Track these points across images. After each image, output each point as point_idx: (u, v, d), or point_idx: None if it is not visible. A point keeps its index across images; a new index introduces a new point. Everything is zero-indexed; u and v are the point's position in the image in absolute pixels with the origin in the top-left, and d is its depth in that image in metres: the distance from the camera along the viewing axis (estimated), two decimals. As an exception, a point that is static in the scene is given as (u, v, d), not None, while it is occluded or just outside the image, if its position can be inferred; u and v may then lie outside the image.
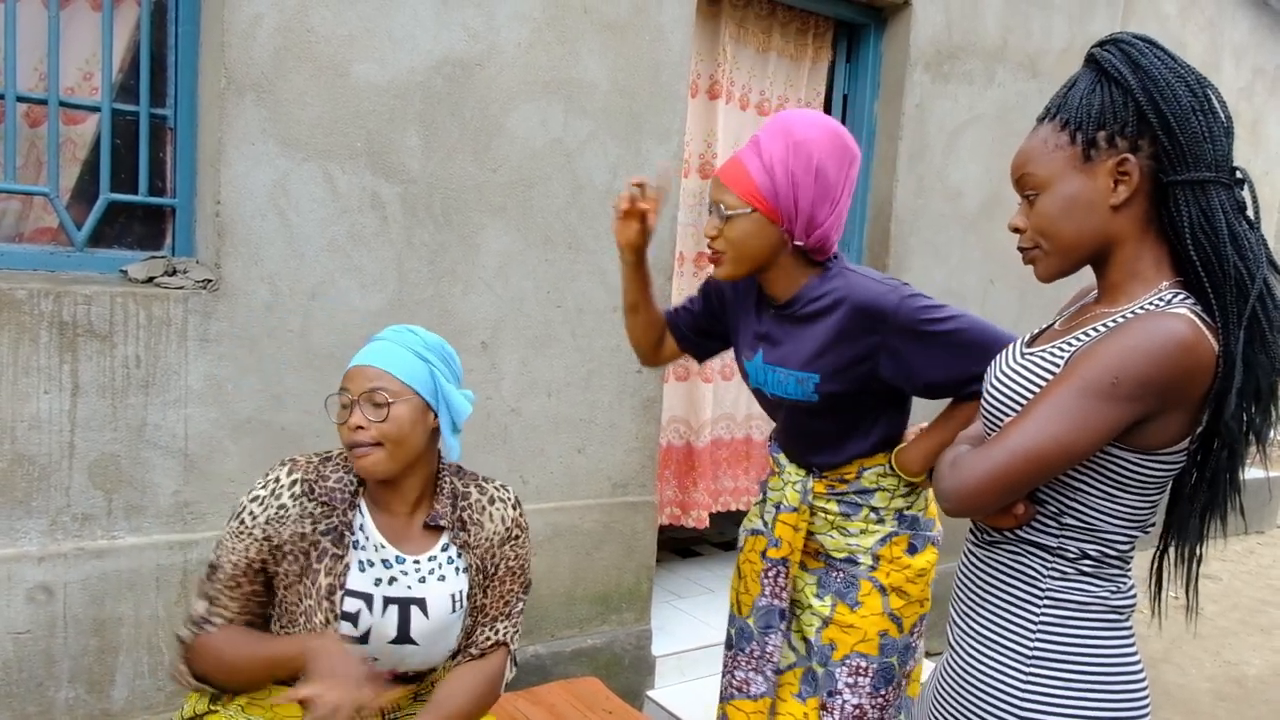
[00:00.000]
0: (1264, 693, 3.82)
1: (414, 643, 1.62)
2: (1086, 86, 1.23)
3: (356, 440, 1.54)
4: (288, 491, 1.58)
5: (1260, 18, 5.61)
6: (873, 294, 1.72)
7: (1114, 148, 1.20)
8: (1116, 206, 1.21)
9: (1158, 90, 1.18)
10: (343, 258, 2.44)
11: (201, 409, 2.29)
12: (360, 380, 1.56)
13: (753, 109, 3.53)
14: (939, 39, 3.62)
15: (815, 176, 1.69)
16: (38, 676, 2.17)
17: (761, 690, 1.91)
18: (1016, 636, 1.28)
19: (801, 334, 1.79)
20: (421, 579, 1.63)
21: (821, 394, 1.77)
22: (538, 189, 2.72)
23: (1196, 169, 1.18)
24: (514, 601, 1.75)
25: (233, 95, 2.24)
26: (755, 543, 1.96)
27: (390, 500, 1.64)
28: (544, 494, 2.87)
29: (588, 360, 2.89)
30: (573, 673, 2.89)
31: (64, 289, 2.13)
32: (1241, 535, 6.26)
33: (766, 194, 1.70)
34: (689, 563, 4.21)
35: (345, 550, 1.58)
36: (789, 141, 1.70)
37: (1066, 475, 1.24)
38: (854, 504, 1.87)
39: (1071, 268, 1.29)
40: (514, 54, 2.62)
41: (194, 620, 1.58)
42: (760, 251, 1.74)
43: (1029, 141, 1.28)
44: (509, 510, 1.75)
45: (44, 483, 2.15)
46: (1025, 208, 1.29)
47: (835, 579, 1.89)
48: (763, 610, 1.91)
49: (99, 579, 2.21)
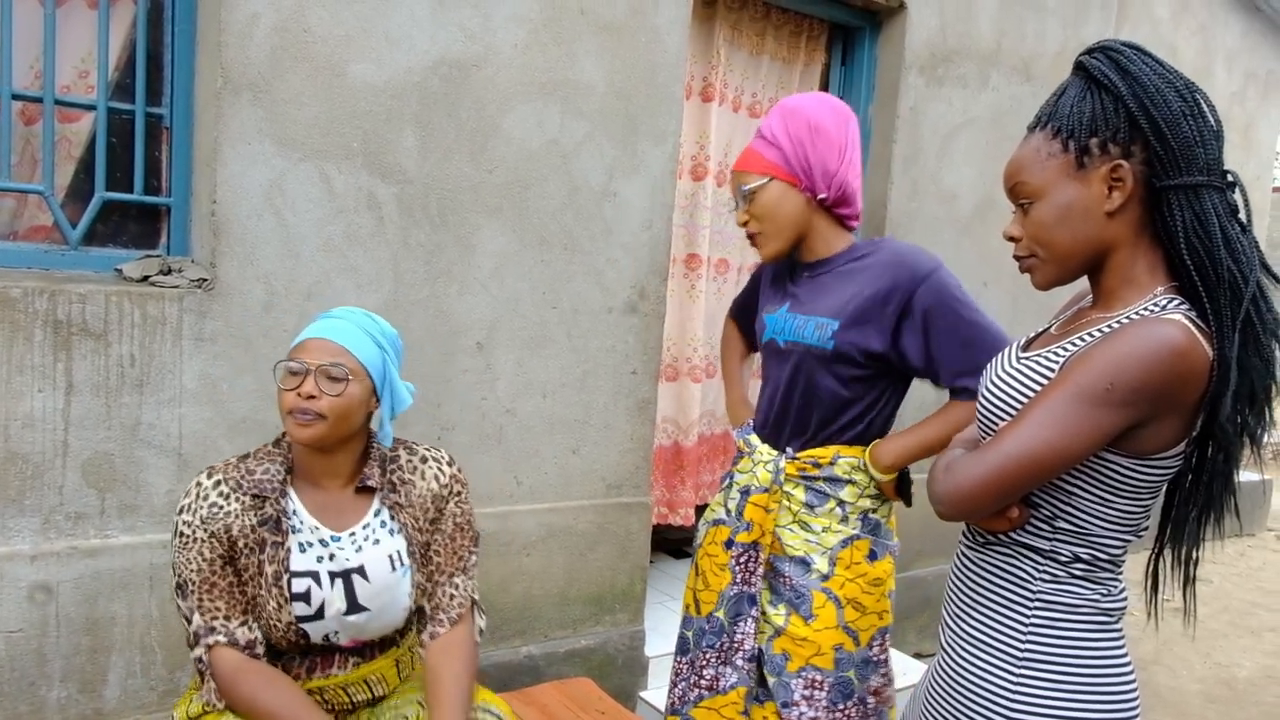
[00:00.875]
0: (1254, 695, 3.84)
1: (365, 608, 1.67)
2: (1076, 94, 1.24)
3: (303, 408, 1.57)
4: (214, 491, 1.61)
5: (1252, 22, 5.64)
6: (914, 254, 1.82)
7: (1107, 154, 1.21)
8: (1111, 213, 1.22)
9: (1148, 96, 1.19)
10: (338, 258, 2.44)
11: (196, 408, 2.29)
12: (319, 352, 1.60)
13: (745, 111, 3.54)
14: (933, 42, 3.63)
15: (816, 132, 1.82)
16: (30, 676, 2.17)
17: (733, 681, 1.89)
18: (1007, 638, 1.28)
19: (836, 286, 1.86)
20: (358, 548, 1.67)
21: (836, 341, 1.80)
22: (534, 190, 2.72)
23: (1189, 173, 1.18)
24: (467, 556, 1.80)
25: (229, 94, 2.24)
26: (716, 533, 1.95)
27: (322, 475, 1.69)
28: (538, 494, 2.88)
29: (583, 361, 2.89)
30: (566, 673, 2.89)
31: (58, 287, 2.12)
32: (1233, 538, 6.29)
33: (778, 160, 1.83)
34: (683, 564, 4.21)
35: (284, 536, 1.62)
36: (784, 111, 1.86)
37: (1060, 479, 1.24)
38: (822, 493, 1.86)
39: (1069, 276, 1.29)
40: (510, 55, 2.62)
41: (196, 636, 1.59)
42: (791, 217, 1.85)
43: (1021, 150, 1.29)
44: (444, 468, 1.80)
45: (37, 481, 2.14)
46: (1020, 216, 1.30)
47: (784, 587, 1.87)
48: (732, 598, 1.89)
49: (92, 578, 2.21)
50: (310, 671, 1.70)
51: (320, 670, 1.70)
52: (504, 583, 2.81)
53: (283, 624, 1.61)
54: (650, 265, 2.98)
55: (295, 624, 1.62)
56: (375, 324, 1.71)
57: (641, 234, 2.94)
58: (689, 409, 3.58)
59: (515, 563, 2.84)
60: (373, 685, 1.73)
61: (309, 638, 1.65)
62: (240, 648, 1.60)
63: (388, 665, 1.76)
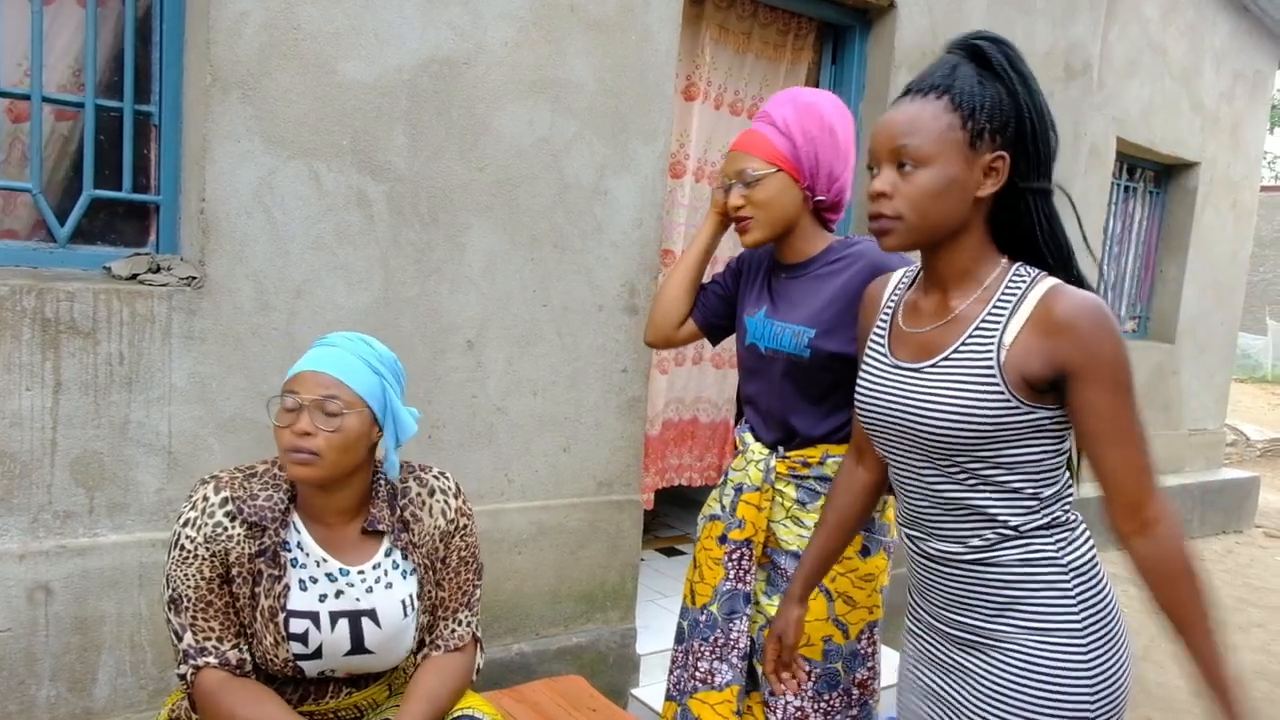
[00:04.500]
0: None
1: (369, 652, 1.61)
2: (973, 76, 1.30)
3: (299, 446, 1.49)
4: (220, 510, 1.54)
5: (1240, 22, 5.67)
6: (886, 260, 1.81)
7: (994, 143, 1.29)
8: (980, 198, 1.30)
9: (1033, 101, 1.29)
10: (328, 256, 2.43)
11: (185, 407, 2.28)
12: (313, 385, 1.51)
13: (726, 109, 3.55)
14: (923, 41, 3.64)
15: (830, 133, 1.83)
16: (19, 675, 2.16)
17: (728, 679, 1.90)
18: (1064, 615, 1.32)
19: (812, 291, 1.86)
20: (369, 589, 1.60)
21: (813, 349, 1.81)
22: (524, 188, 2.72)
23: (1047, 179, 1.32)
24: (472, 590, 1.74)
25: (218, 92, 2.24)
26: (712, 528, 1.97)
27: (324, 511, 1.60)
28: (529, 492, 2.88)
29: (573, 359, 2.90)
30: (557, 671, 2.90)
31: (46, 285, 2.11)
32: (1220, 535, 6.33)
33: (788, 154, 1.82)
34: (673, 561, 4.22)
35: (282, 570, 1.55)
36: (799, 104, 1.84)
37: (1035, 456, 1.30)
38: (812, 490, 1.88)
39: (923, 246, 1.35)
40: (501, 53, 2.62)
41: (186, 655, 1.54)
42: (786, 211, 1.85)
43: (911, 110, 1.31)
44: (451, 500, 1.71)
45: (25, 480, 2.14)
46: (894, 175, 1.31)
47: (781, 579, 1.90)
48: (726, 595, 1.91)
49: (81, 577, 2.20)
50: (303, 699, 1.65)
51: (313, 699, 1.65)
52: (495, 581, 2.81)
53: (279, 659, 1.56)
54: (640, 263, 2.98)
55: (292, 661, 1.57)
56: (372, 350, 1.60)
57: (632, 232, 2.95)
58: (655, 399, 3.60)
59: (506, 561, 2.85)
60: (363, 708, 1.71)
61: (305, 673, 1.60)
62: (231, 668, 1.55)
63: (380, 690, 1.72)
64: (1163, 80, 5.22)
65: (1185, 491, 5.98)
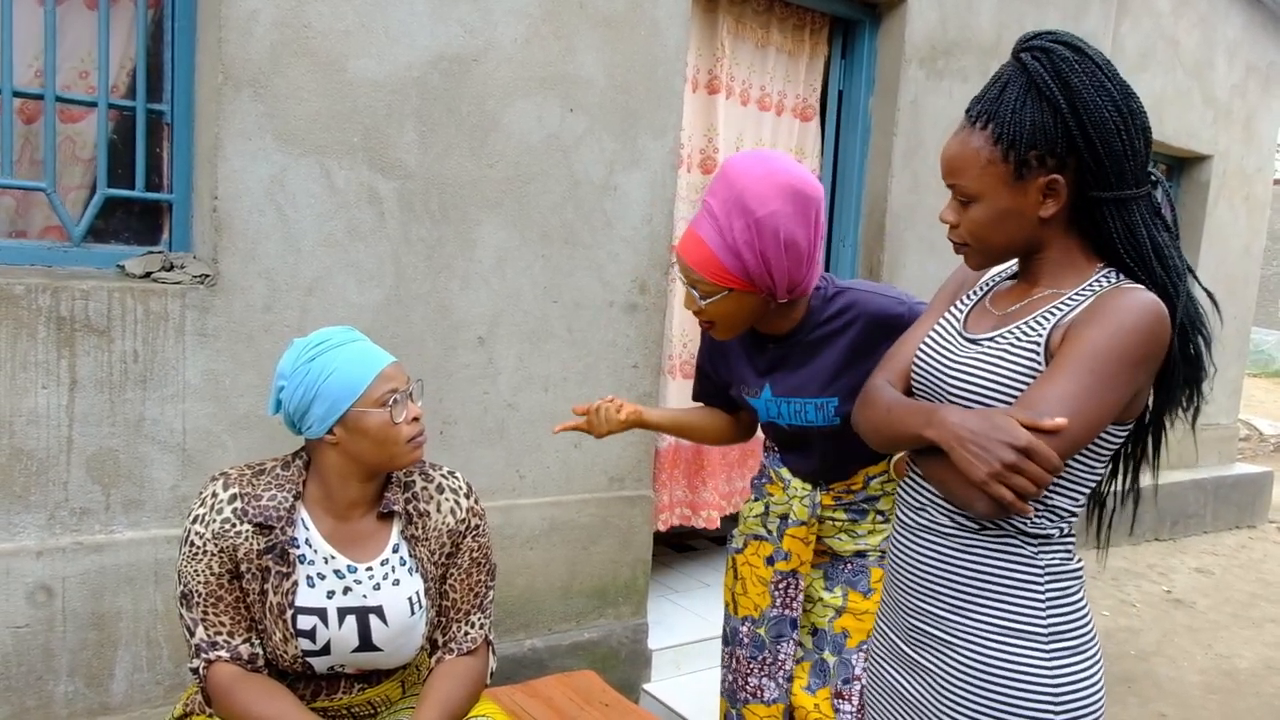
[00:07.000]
0: (1255, 685, 3.85)
1: (378, 649, 1.63)
2: (1017, 97, 1.28)
3: (421, 429, 1.61)
4: (229, 507, 1.57)
5: (1253, 14, 5.63)
6: (884, 306, 1.75)
7: (1044, 167, 1.26)
8: (1045, 218, 1.29)
9: (1086, 113, 1.24)
10: (340, 253, 2.44)
11: (199, 404, 2.30)
12: (402, 377, 1.61)
13: (754, 104, 3.53)
14: (934, 35, 3.63)
15: (786, 249, 1.62)
16: (36, 670, 2.18)
17: (774, 696, 1.93)
18: (1030, 618, 1.31)
19: (813, 360, 1.79)
20: (376, 586, 1.62)
21: (843, 416, 1.77)
22: (534, 185, 2.73)
23: (1119, 187, 1.26)
24: (484, 592, 1.75)
25: (230, 90, 2.25)
26: (760, 547, 1.96)
27: (357, 500, 1.63)
28: (541, 488, 2.88)
29: (584, 355, 2.90)
30: (569, 666, 2.91)
31: (61, 284, 2.13)
32: (1234, 530, 6.30)
33: (739, 274, 1.64)
34: (685, 557, 4.22)
35: (291, 567, 1.57)
36: (749, 221, 1.60)
37: None
38: (861, 510, 1.91)
39: (1003, 262, 1.40)
40: (510, 49, 2.62)
41: (198, 649, 1.56)
42: (749, 314, 1.74)
43: (959, 148, 1.34)
44: (461, 499, 1.72)
45: (42, 477, 2.15)
46: (957, 205, 1.36)
47: (843, 570, 1.92)
48: (774, 620, 1.93)
49: (97, 573, 2.22)
50: (315, 695, 1.66)
51: (325, 694, 1.67)
52: (507, 576, 2.82)
53: (289, 655, 1.58)
54: (651, 259, 2.98)
55: (301, 657, 1.59)
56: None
57: (642, 228, 2.95)
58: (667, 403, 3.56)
59: (518, 556, 2.85)
60: (376, 704, 1.72)
61: (314, 669, 1.62)
62: (243, 662, 1.57)
63: (393, 687, 1.73)
64: (1175, 73, 5.19)
65: (1198, 487, 5.95)
